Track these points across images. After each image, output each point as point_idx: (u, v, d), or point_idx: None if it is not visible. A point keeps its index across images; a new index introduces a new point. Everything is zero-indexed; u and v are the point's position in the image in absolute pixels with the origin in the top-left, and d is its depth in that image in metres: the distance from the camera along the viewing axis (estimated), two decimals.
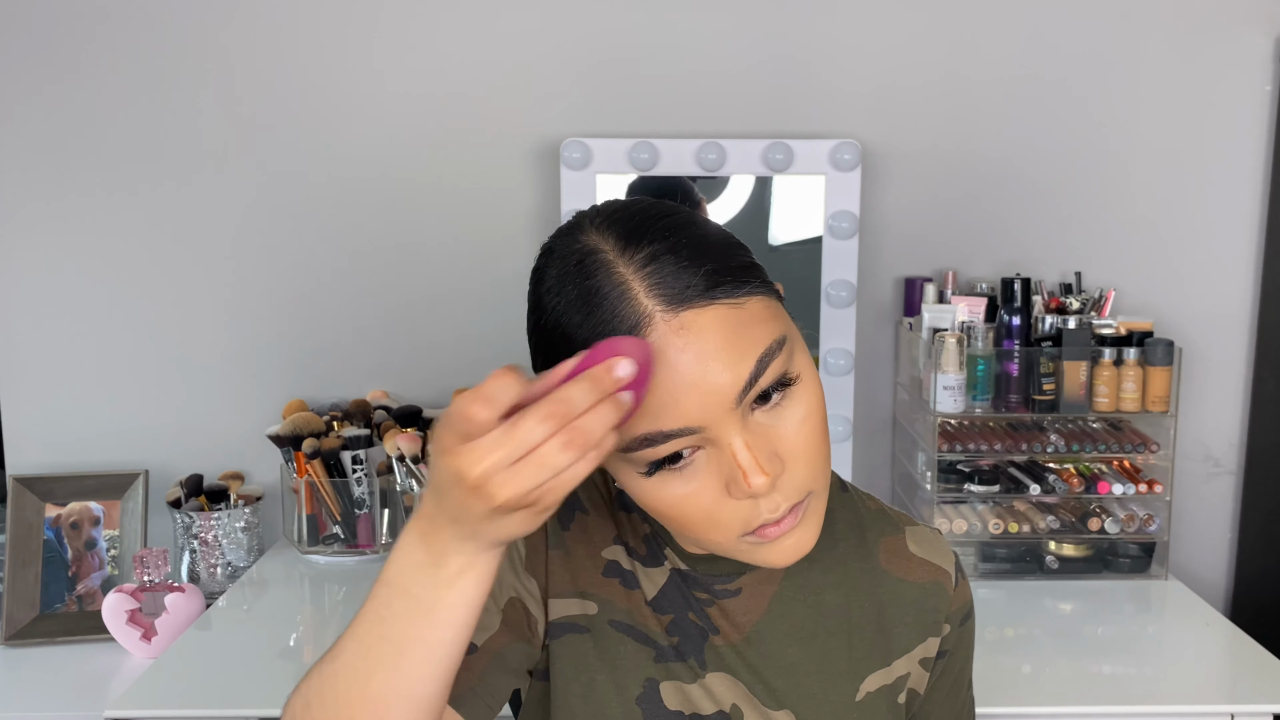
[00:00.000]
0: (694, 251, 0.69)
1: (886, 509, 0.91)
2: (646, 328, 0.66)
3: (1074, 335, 1.64)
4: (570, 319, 0.69)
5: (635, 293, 0.67)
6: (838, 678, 0.84)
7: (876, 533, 0.88)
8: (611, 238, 0.70)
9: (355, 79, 1.80)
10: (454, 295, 1.85)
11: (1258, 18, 1.79)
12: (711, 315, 0.67)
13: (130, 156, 1.81)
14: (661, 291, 0.67)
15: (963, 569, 0.90)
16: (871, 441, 1.90)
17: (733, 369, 0.67)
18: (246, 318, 1.86)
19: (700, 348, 0.66)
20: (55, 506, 1.75)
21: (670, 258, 0.68)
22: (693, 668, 0.81)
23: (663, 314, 0.66)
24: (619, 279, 0.68)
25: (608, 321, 0.67)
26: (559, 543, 0.82)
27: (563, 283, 0.70)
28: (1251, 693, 1.33)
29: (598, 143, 1.76)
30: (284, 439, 1.73)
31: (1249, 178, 1.82)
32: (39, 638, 1.65)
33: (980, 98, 1.81)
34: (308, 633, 1.54)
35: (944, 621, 0.87)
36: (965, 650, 0.91)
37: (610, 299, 0.67)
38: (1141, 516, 1.64)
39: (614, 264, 0.68)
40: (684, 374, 0.66)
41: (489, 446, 0.58)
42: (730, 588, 0.83)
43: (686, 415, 0.67)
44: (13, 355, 1.85)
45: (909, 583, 0.87)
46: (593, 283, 0.68)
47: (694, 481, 0.69)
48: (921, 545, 0.89)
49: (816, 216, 1.79)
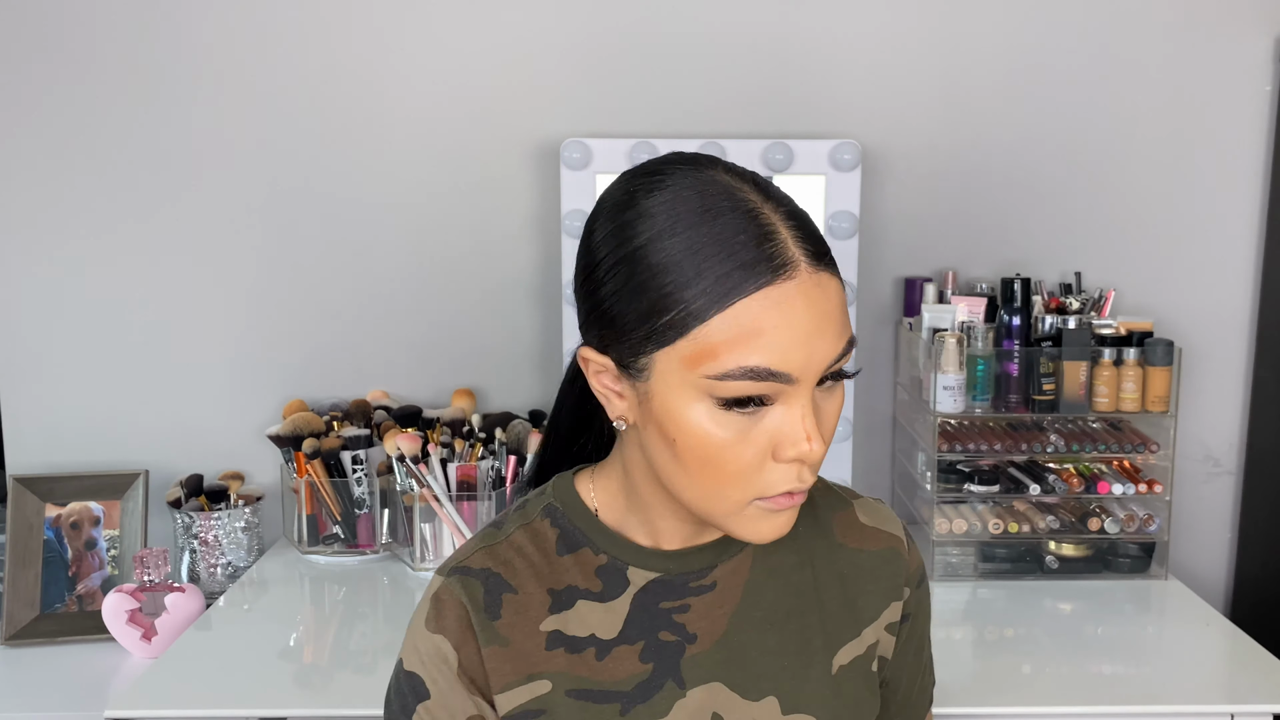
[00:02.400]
0: (814, 224, 0.75)
1: (832, 485, 0.93)
2: (793, 271, 0.70)
3: (1074, 335, 1.64)
4: (707, 237, 0.70)
5: (784, 238, 0.71)
6: (815, 655, 0.84)
7: (828, 509, 0.90)
8: (748, 184, 0.74)
9: (355, 80, 1.80)
10: (454, 295, 1.85)
11: (1258, 18, 1.79)
12: (835, 285, 0.72)
13: (131, 158, 1.81)
14: (806, 246, 0.71)
15: (910, 533, 0.93)
16: (871, 441, 1.90)
17: (839, 337, 0.72)
18: (246, 318, 1.86)
19: (826, 308, 0.71)
20: (55, 506, 1.75)
21: (805, 219, 0.74)
22: (671, 690, 0.81)
23: (807, 265, 0.71)
24: (767, 220, 0.71)
25: (753, 253, 0.70)
26: (491, 638, 0.80)
27: (690, 205, 0.72)
28: (1251, 693, 1.33)
29: (598, 143, 1.76)
30: (284, 439, 1.73)
31: (1249, 178, 1.82)
32: (39, 638, 1.65)
33: (980, 98, 1.81)
34: (308, 633, 1.54)
35: (904, 585, 0.89)
36: (924, 612, 0.93)
37: (758, 234, 0.70)
38: (1141, 516, 1.64)
39: (760, 205, 0.72)
40: (807, 325, 0.70)
41: None
42: (705, 582, 0.83)
43: (793, 363, 0.70)
44: (13, 355, 1.85)
45: (866, 552, 0.89)
46: (740, 216, 0.71)
47: (753, 430, 0.72)
48: (871, 515, 0.91)
49: (816, 217, 1.78)
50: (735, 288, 0.69)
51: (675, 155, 0.77)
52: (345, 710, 1.28)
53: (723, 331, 0.69)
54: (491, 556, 0.82)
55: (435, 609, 0.80)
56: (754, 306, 0.69)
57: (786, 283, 0.69)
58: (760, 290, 0.69)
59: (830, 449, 1.81)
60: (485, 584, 0.81)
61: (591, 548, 0.83)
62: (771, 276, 0.69)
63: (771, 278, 0.69)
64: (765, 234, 0.70)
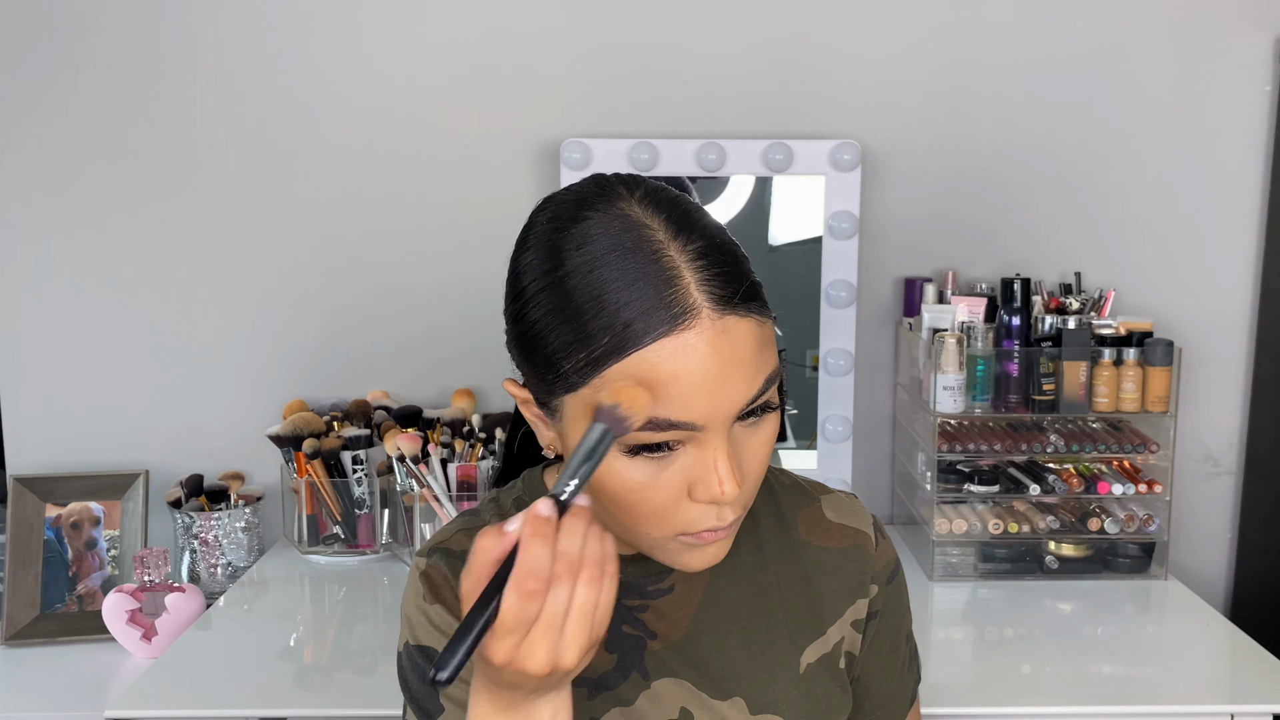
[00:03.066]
0: (736, 259, 0.71)
1: (800, 480, 0.92)
2: (693, 319, 0.67)
3: (1074, 335, 1.64)
4: (604, 284, 0.68)
5: (687, 282, 0.68)
6: (780, 655, 0.84)
7: (792, 506, 0.89)
8: (660, 219, 0.70)
9: (355, 80, 1.80)
10: (455, 295, 1.85)
11: (1258, 18, 1.79)
12: (746, 326, 0.69)
13: (131, 158, 1.81)
14: (712, 289, 0.68)
15: (882, 529, 0.91)
16: (871, 441, 1.90)
17: (748, 382, 0.69)
18: (246, 318, 1.86)
19: (731, 354, 0.68)
20: (55, 506, 1.75)
21: (719, 257, 0.70)
22: (636, 681, 0.81)
23: (710, 311, 0.68)
24: (669, 264, 0.68)
25: (651, 300, 0.67)
26: None
27: (596, 245, 0.69)
28: (1251, 693, 1.33)
29: (598, 143, 1.76)
30: (284, 439, 1.73)
31: (1249, 178, 1.82)
32: (39, 638, 1.66)
33: (980, 98, 1.81)
34: (308, 633, 1.54)
35: (870, 582, 0.88)
36: (897, 607, 0.92)
37: (657, 281, 0.68)
38: (1141, 516, 1.64)
39: (665, 246, 0.69)
40: (709, 375, 0.68)
41: (538, 639, 0.62)
42: (663, 586, 0.83)
43: (696, 412, 0.68)
44: (13, 355, 1.85)
45: (830, 549, 0.88)
46: (640, 259, 0.68)
47: (665, 473, 0.70)
48: (838, 511, 0.89)
49: (816, 217, 1.79)
50: (633, 338, 0.67)
51: (593, 181, 0.75)
52: (345, 710, 1.28)
53: (621, 381, 0.67)
54: (470, 538, 0.82)
55: (427, 585, 0.81)
56: (651, 357, 0.67)
57: (686, 332, 0.67)
58: (658, 340, 0.67)
59: (830, 449, 1.83)
60: (465, 563, 0.81)
61: None
62: (670, 326, 0.67)
63: (670, 327, 0.67)
64: (666, 279, 0.68)
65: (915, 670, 0.96)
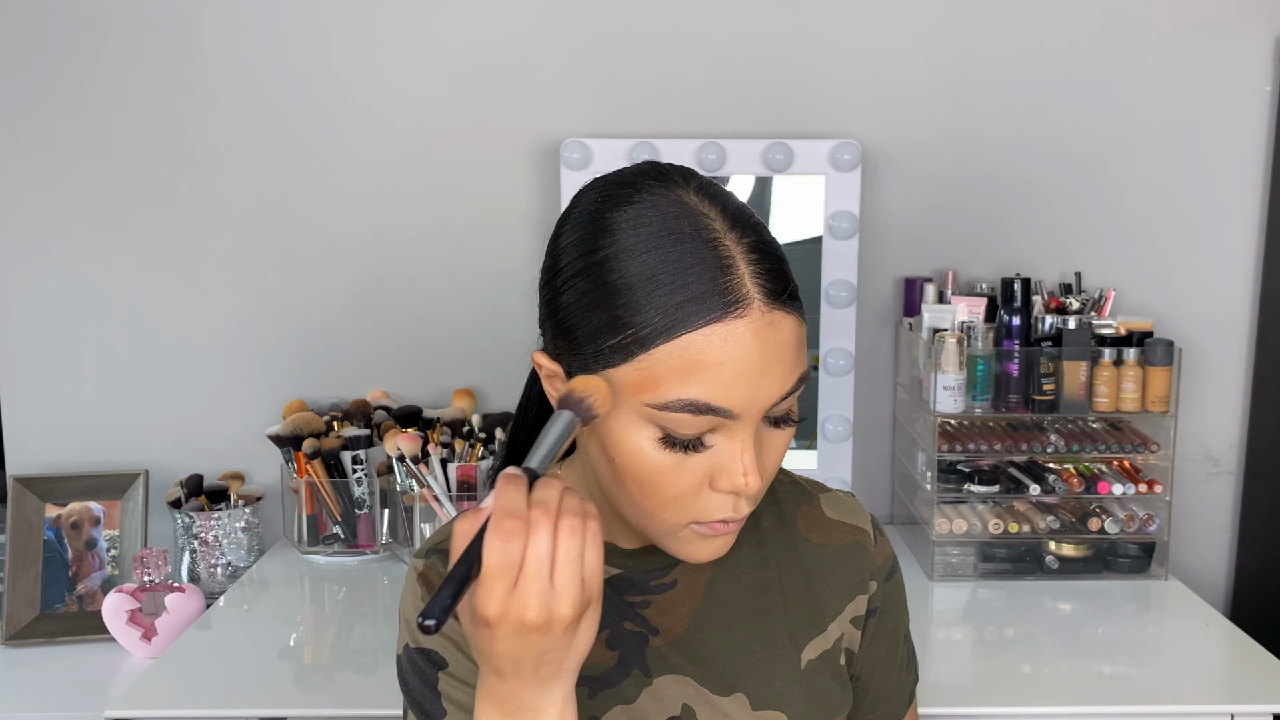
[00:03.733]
0: (782, 259, 0.73)
1: (799, 479, 0.93)
2: (745, 309, 0.69)
3: (1074, 335, 1.64)
4: (659, 264, 0.69)
5: (742, 273, 0.69)
6: (781, 651, 0.85)
7: (793, 503, 0.90)
8: (717, 210, 0.72)
9: (355, 80, 1.80)
10: (454, 295, 1.85)
11: (1258, 18, 1.79)
12: (790, 323, 0.71)
13: (130, 157, 1.81)
14: (764, 283, 0.70)
15: (880, 527, 0.92)
16: (871, 441, 1.90)
17: (785, 377, 0.71)
18: (246, 318, 1.86)
19: (775, 348, 0.70)
20: (55, 506, 1.75)
21: (771, 254, 0.72)
22: (638, 678, 0.82)
23: (760, 303, 0.69)
24: (726, 253, 0.70)
25: (706, 285, 0.69)
26: None
27: (653, 227, 0.70)
28: (1251, 693, 1.33)
29: (598, 143, 1.76)
30: (284, 439, 1.73)
31: (1249, 178, 1.82)
32: (39, 638, 1.66)
33: (980, 98, 1.81)
34: (308, 633, 1.54)
35: (870, 579, 0.89)
36: (896, 605, 0.92)
37: (714, 268, 0.69)
38: (1141, 516, 1.64)
39: (723, 236, 0.70)
40: (753, 364, 0.69)
41: (528, 586, 0.63)
42: (665, 581, 0.84)
43: (735, 400, 0.69)
44: (13, 355, 1.85)
45: (830, 546, 0.88)
46: (697, 244, 0.70)
47: (691, 459, 0.71)
48: (837, 509, 0.91)
49: (816, 216, 1.79)
50: (684, 320, 0.68)
51: (649, 167, 0.76)
52: (345, 710, 1.28)
53: (666, 362, 0.69)
54: None
55: (425, 587, 0.81)
56: (700, 340, 0.68)
57: (736, 320, 0.68)
58: (709, 325, 0.68)
59: (830, 449, 1.83)
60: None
61: None
62: (722, 312, 0.68)
63: (722, 313, 0.68)
64: (722, 267, 0.69)
65: (913, 670, 0.96)
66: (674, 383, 0.69)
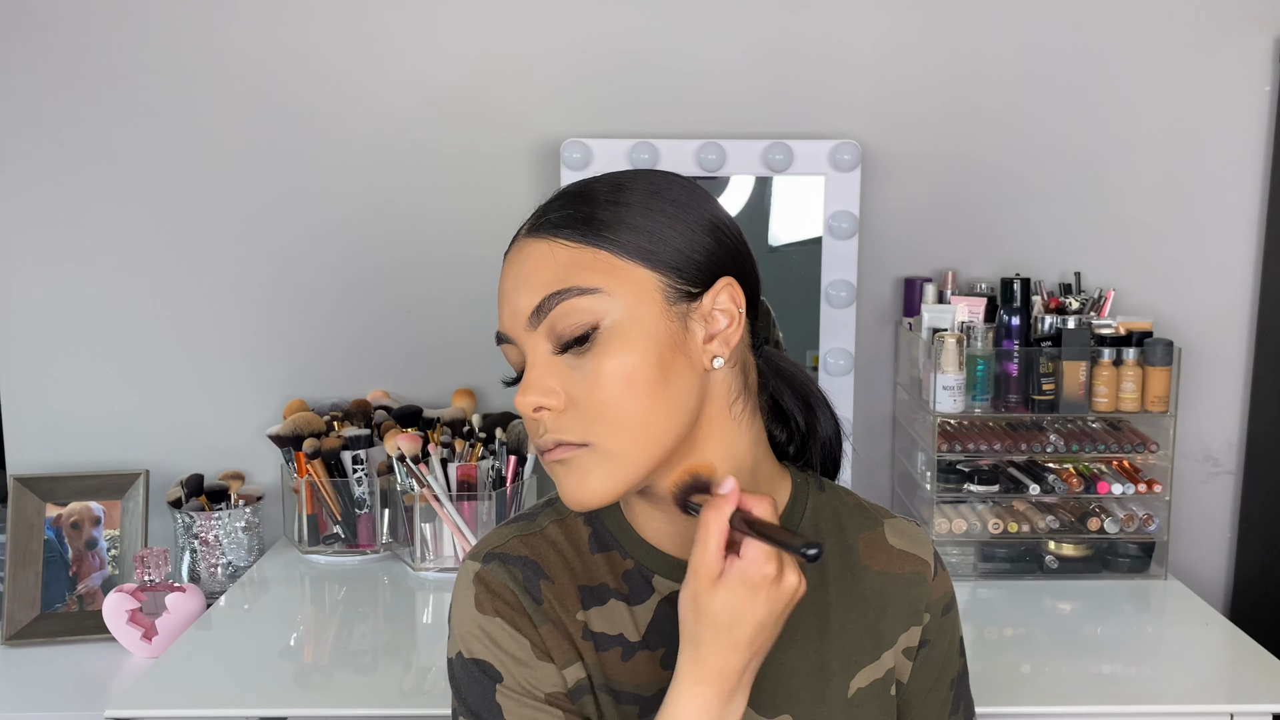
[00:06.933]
0: (579, 199, 0.78)
1: (864, 503, 0.92)
2: (512, 243, 0.80)
3: (1073, 335, 1.64)
4: None
5: (537, 212, 0.80)
6: (831, 677, 0.84)
7: (855, 529, 0.89)
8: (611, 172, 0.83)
9: (355, 80, 1.80)
10: (454, 295, 1.85)
11: (1258, 18, 1.79)
12: (537, 247, 0.77)
13: (130, 157, 1.81)
14: (533, 219, 0.80)
15: (941, 560, 0.91)
16: (871, 441, 1.90)
17: (529, 295, 0.76)
18: (247, 318, 1.86)
19: (518, 270, 0.78)
20: (56, 506, 1.75)
21: (569, 199, 0.79)
22: None
23: (523, 237, 0.79)
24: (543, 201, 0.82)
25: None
26: (542, 619, 0.81)
27: None
28: (1251, 693, 1.33)
29: (598, 143, 1.76)
30: (284, 439, 1.74)
31: (1249, 178, 1.82)
32: (39, 638, 1.66)
33: (980, 98, 1.81)
34: (308, 633, 1.54)
35: (924, 611, 0.88)
36: (947, 641, 0.91)
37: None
38: (1141, 516, 1.64)
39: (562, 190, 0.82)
40: (507, 286, 0.79)
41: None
42: None
43: (503, 323, 0.79)
44: (13, 355, 1.85)
45: (890, 574, 0.88)
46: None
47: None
48: (900, 537, 0.89)
49: (816, 217, 1.79)
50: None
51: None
52: (345, 710, 1.28)
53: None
54: (527, 545, 0.83)
55: (483, 592, 0.80)
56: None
57: (509, 254, 0.80)
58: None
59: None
60: (524, 570, 0.81)
61: (620, 551, 0.84)
62: (508, 248, 0.80)
63: (507, 249, 0.80)
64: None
65: (966, 709, 0.93)
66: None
